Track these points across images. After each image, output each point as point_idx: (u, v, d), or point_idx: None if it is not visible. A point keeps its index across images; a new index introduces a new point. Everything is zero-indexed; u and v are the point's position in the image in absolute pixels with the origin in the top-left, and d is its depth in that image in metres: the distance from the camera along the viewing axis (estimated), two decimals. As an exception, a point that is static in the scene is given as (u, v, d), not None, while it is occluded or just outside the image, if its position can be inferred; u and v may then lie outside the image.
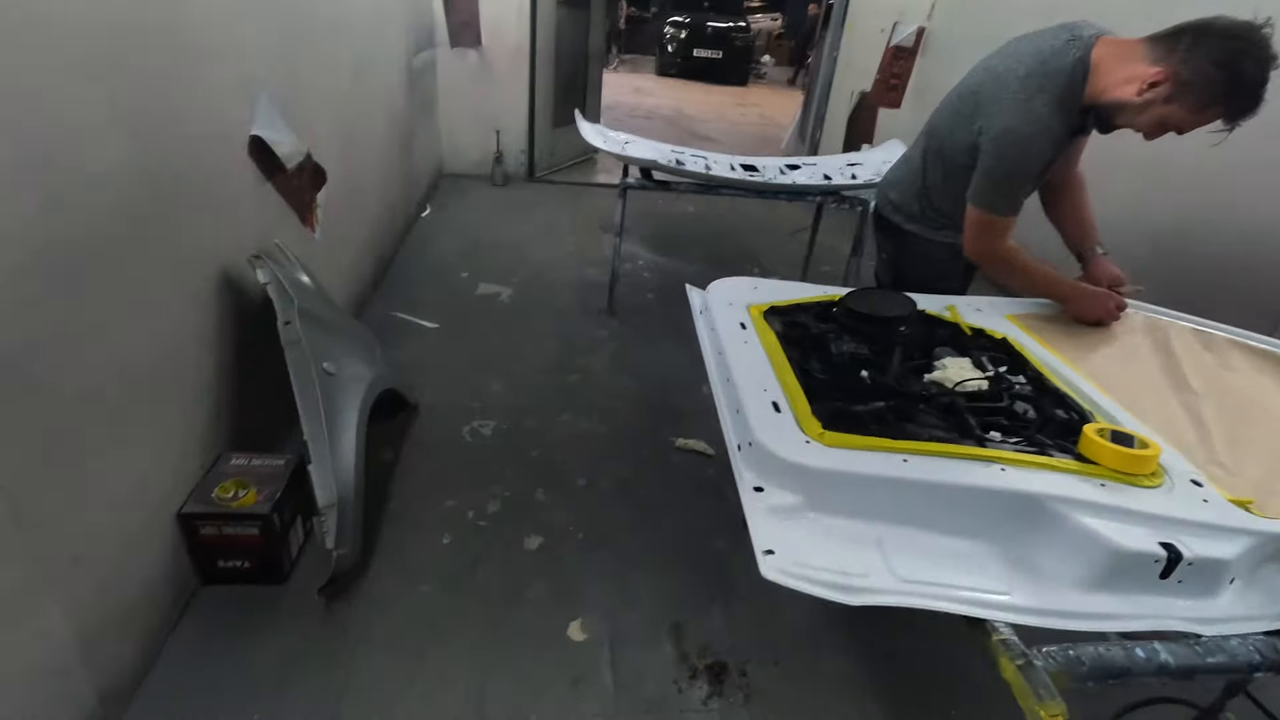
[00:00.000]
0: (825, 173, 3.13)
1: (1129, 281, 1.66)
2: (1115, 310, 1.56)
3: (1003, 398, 1.29)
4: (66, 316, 1.16)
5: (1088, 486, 1.05)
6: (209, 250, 1.66)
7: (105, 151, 1.25)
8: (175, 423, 1.54)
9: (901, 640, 1.69)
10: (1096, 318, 1.57)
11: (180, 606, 1.57)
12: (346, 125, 2.70)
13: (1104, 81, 1.37)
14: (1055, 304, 1.65)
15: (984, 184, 1.49)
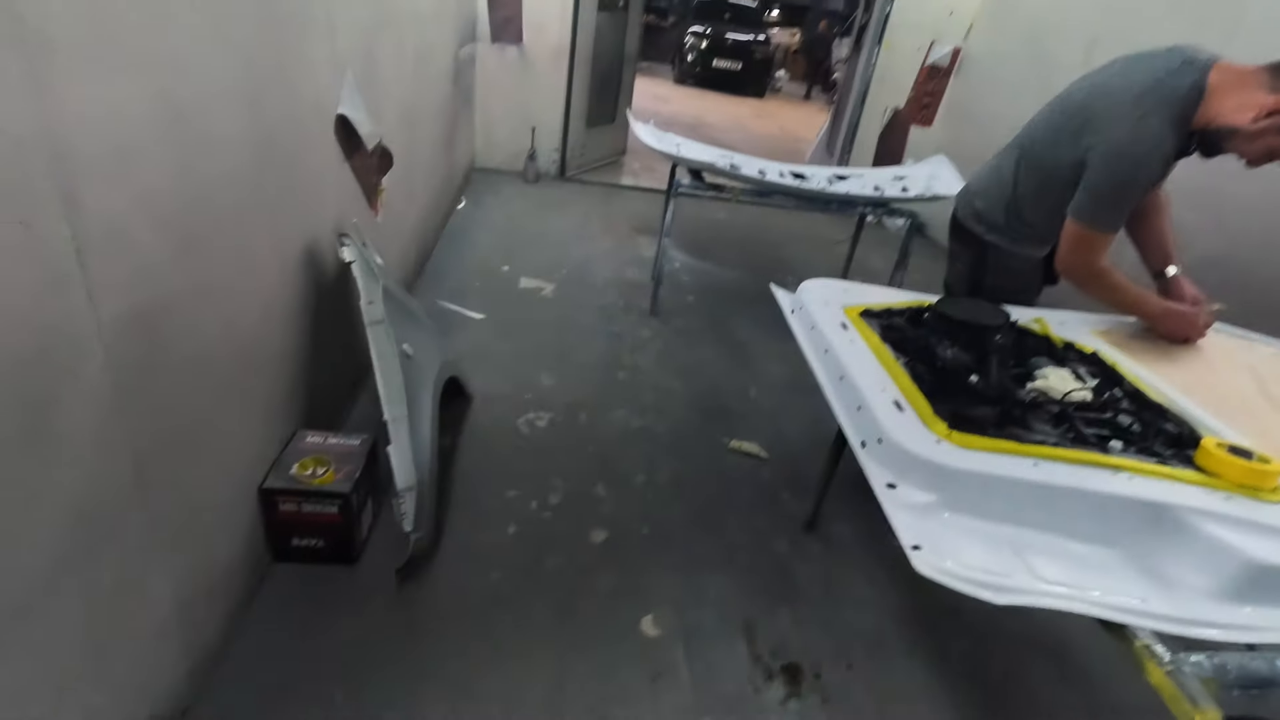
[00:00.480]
0: (875, 184, 3.15)
1: (1208, 301, 1.68)
2: (1203, 329, 1.58)
3: (1107, 408, 1.30)
4: (191, 278, 1.16)
5: (1215, 498, 1.06)
6: (299, 223, 1.66)
7: (231, 117, 1.25)
8: (262, 395, 1.53)
9: (963, 643, 1.69)
10: (1185, 335, 1.59)
11: (255, 583, 1.55)
12: (409, 112, 2.70)
13: (1218, 106, 1.39)
14: (1138, 320, 1.67)
15: (1089, 199, 1.51)
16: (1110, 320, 1.72)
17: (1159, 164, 1.46)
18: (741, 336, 3.15)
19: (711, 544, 1.91)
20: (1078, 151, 1.52)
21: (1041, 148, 1.64)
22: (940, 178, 3.21)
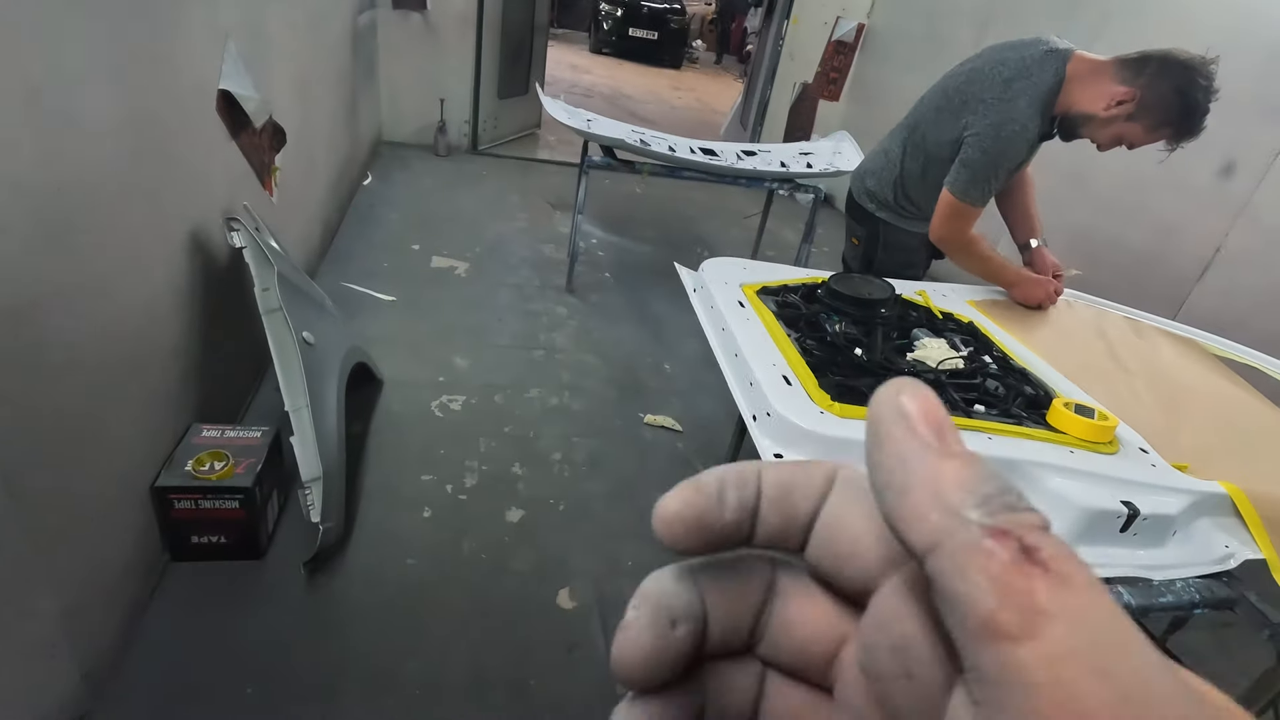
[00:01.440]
0: (781, 160, 3.24)
1: (1067, 267, 1.84)
2: (1054, 295, 1.74)
3: (977, 375, 1.42)
4: (62, 272, 1.09)
5: (1060, 453, 1.18)
6: (182, 209, 1.57)
7: (97, 95, 1.17)
8: (150, 391, 1.46)
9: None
10: (1038, 301, 1.75)
11: (151, 584, 1.50)
12: (303, 84, 2.57)
13: (1076, 94, 1.51)
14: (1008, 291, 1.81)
15: (964, 174, 1.62)
16: (987, 292, 1.86)
17: (1025, 145, 1.58)
18: (657, 312, 3.20)
19: (627, 516, 1.97)
20: (956, 131, 1.63)
21: (925, 128, 1.75)
22: (843, 153, 3.33)
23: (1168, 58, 1.42)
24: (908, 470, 0.15)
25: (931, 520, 0.14)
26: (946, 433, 0.15)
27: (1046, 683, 0.12)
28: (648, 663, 0.18)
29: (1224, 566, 1.10)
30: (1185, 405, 1.43)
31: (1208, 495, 1.16)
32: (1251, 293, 2.45)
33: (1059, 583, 0.13)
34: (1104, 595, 0.13)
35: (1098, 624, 0.12)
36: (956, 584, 0.13)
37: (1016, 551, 0.13)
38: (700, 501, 0.19)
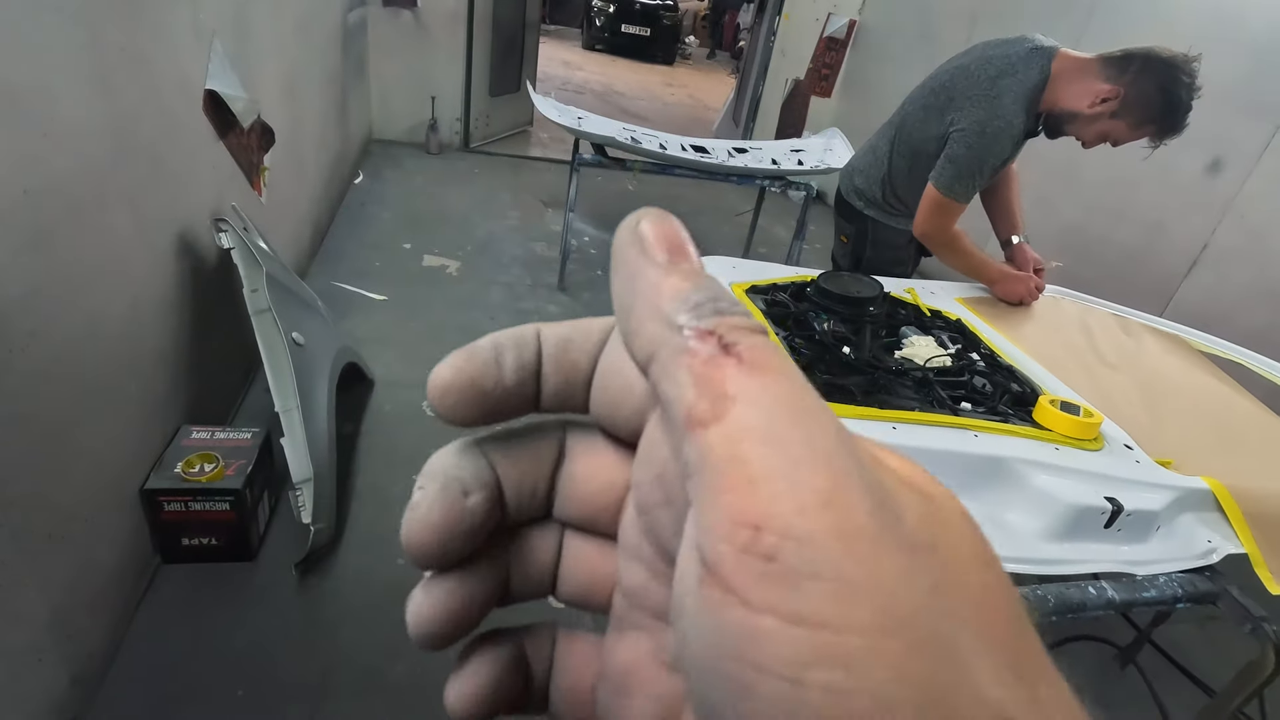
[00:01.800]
0: (772, 157, 3.25)
1: (1048, 261, 1.85)
2: (1035, 291, 1.75)
3: (964, 372, 1.43)
4: (43, 277, 1.09)
5: (1045, 450, 1.19)
6: (168, 211, 1.56)
7: (78, 99, 1.17)
8: (137, 394, 1.46)
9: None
10: (1019, 297, 1.75)
11: (142, 587, 1.49)
12: (291, 83, 2.56)
13: (1061, 92, 1.52)
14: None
15: (949, 169, 1.62)
16: (975, 289, 1.87)
17: (1010, 142, 1.59)
18: (649, 309, 3.21)
19: (619, 515, 1.97)
20: (942, 128, 1.64)
21: (912, 125, 1.75)
22: (834, 150, 3.34)
23: (1150, 55, 1.43)
24: (634, 289, 0.15)
25: (648, 331, 0.15)
26: (678, 253, 0.16)
27: (726, 459, 0.12)
28: (441, 537, 0.17)
29: (1207, 561, 1.11)
30: (1170, 401, 1.44)
31: (1191, 491, 1.17)
32: (1238, 289, 2.47)
33: (748, 369, 0.13)
34: (788, 377, 0.13)
35: (776, 400, 0.13)
36: (667, 387, 0.14)
37: (716, 347, 0.13)
38: (473, 367, 0.18)
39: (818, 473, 0.12)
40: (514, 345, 0.18)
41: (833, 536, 0.11)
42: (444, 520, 0.17)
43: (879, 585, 0.11)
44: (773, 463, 0.12)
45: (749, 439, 0.12)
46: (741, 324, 0.14)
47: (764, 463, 0.12)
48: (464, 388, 0.18)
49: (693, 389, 0.13)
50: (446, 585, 0.18)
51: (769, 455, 0.12)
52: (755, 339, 0.14)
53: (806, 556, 0.11)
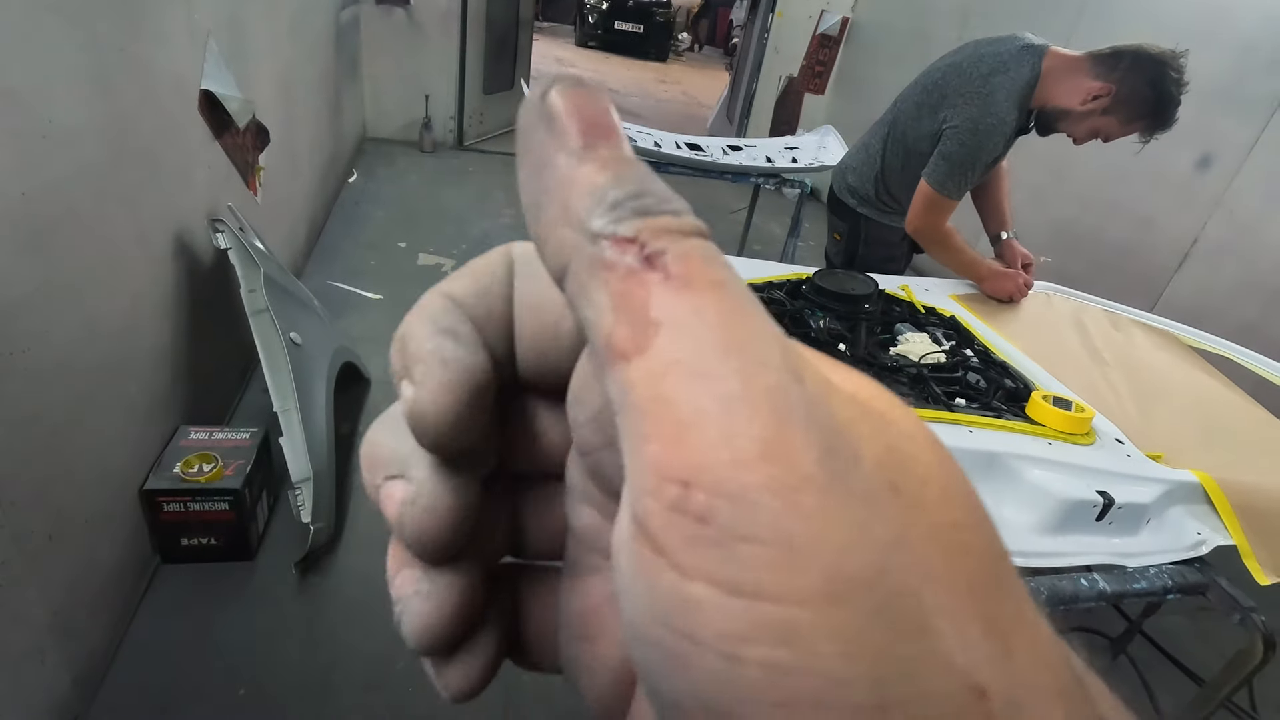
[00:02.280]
0: (767, 155, 3.26)
1: (1037, 256, 1.87)
2: (1024, 288, 1.76)
3: (958, 369, 1.44)
4: (42, 278, 1.09)
5: (1038, 444, 1.21)
6: (165, 211, 1.56)
7: (76, 100, 1.17)
8: (135, 394, 1.46)
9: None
10: (1008, 294, 1.77)
11: (142, 587, 1.50)
12: (285, 82, 2.55)
13: (1052, 90, 1.54)
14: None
15: (942, 166, 1.64)
16: (969, 286, 1.88)
17: (1003, 139, 1.60)
18: (645, 307, 3.21)
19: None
20: (935, 125, 1.66)
21: (905, 123, 1.76)
22: (828, 147, 3.35)
23: (1140, 52, 1.45)
24: (541, 183, 0.13)
25: (558, 238, 0.12)
26: (598, 131, 0.13)
27: (649, 399, 0.11)
28: (456, 519, 0.16)
29: (1196, 553, 1.13)
30: (1160, 396, 1.46)
31: (1181, 484, 1.19)
32: (1227, 284, 2.50)
33: (676, 286, 0.11)
34: (724, 293, 0.11)
35: (708, 324, 0.11)
36: (583, 309, 0.12)
37: (638, 259, 0.11)
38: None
39: (756, 415, 0.10)
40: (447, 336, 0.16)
41: (773, 492, 0.10)
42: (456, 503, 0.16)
43: (827, 545, 0.10)
44: (703, 403, 0.10)
45: (675, 375, 0.11)
46: (671, 225, 0.12)
47: (692, 404, 0.10)
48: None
49: (611, 312, 0.11)
50: (446, 579, 0.16)
51: (698, 394, 0.10)
52: (686, 245, 0.12)
53: (743, 516, 0.10)
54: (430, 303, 0.16)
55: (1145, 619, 1.59)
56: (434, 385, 0.15)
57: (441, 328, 0.15)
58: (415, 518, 0.15)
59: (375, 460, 0.16)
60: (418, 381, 0.15)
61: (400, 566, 0.17)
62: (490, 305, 0.16)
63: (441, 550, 0.16)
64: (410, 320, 0.16)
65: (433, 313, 0.16)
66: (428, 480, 0.15)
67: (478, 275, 0.17)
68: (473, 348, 0.15)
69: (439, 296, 0.16)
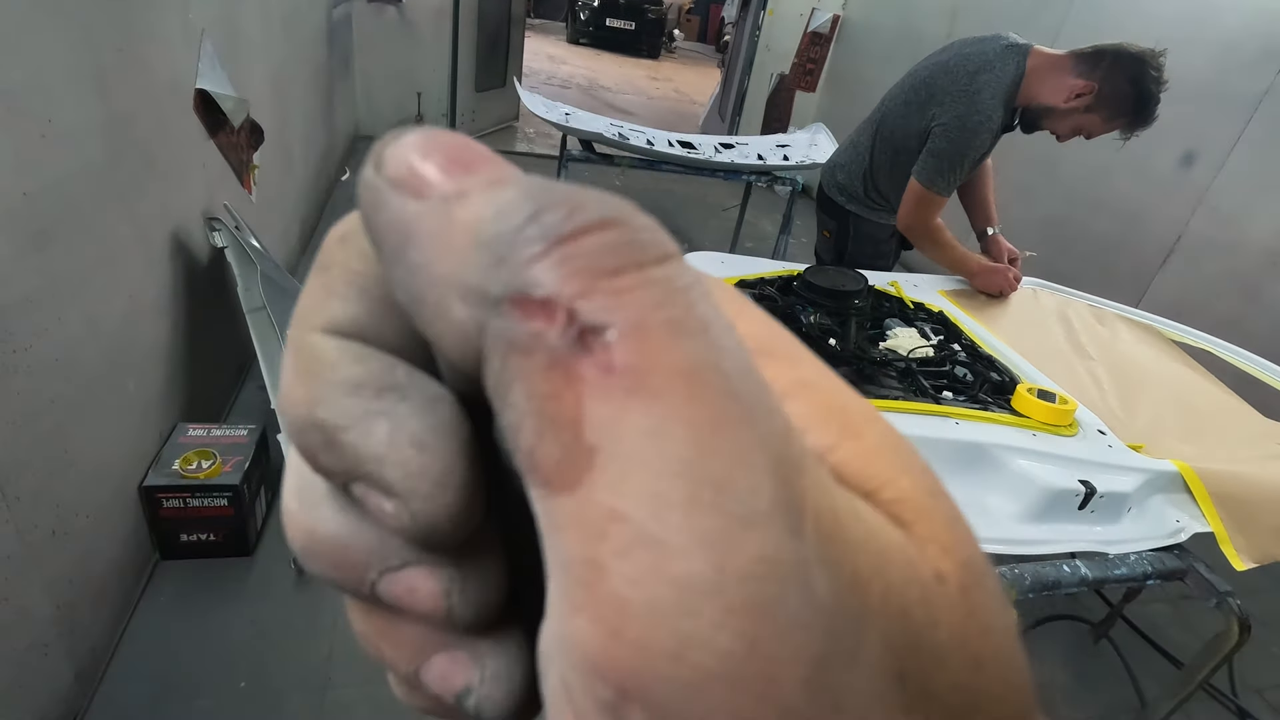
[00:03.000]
0: (758, 152, 3.28)
1: (1022, 250, 1.90)
2: (1013, 282, 1.80)
3: (946, 363, 1.47)
4: (43, 277, 1.10)
5: (1023, 436, 1.24)
6: (163, 210, 1.57)
7: (75, 101, 1.18)
8: (135, 391, 1.47)
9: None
10: (998, 289, 1.80)
11: (142, 583, 1.51)
12: (279, 80, 2.56)
13: (1036, 88, 1.57)
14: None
15: (931, 163, 1.67)
16: (957, 282, 1.92)
17: (989, 136, 1.64)
18: (638, 304, 3.23)
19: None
20: (923, 123, 1.69)
21: (893, 121, 1.79)
22: (819, 145, 3.38)
23: (1121, 51, 1.48)
24: (411, 263, 0.09)
25: (455, 323, 0.09)
26: (462, 166, 0.10)
27: (581, 559, 0.08)
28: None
29: (1175, 540, 1.16)
30: (1141, 388, 1.49)
31: (1160, 473, 1.22)
32: (1210, 279, 2.55)
33: (625, 391, 0.08)
34: (696, 388, 0.08)
35: (665, 458, 0.08)
36: (501, 411, 0.09)
37: (563, 336, 0.08)
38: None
39: (729, 617, 0.08)
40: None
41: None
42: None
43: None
44: (653, 589, 0.08)
45: (616, 537, 0.08)
46: (608, 264, 0.08)
47: (638, 586, 0.08)
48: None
49: (533, 422, 0.08)
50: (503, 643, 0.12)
51: (647, 573, 0.08)
52: (639, 300, 0.08)
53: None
54: (321, 350, 0.11)
55: (1126, 604, 1.63)
56: (427, 489, 0.10)
57: (375, 387, 0.10)
58: (467, 605, 0.11)
59: (348, 563, 0.11)
60: (400, 493, 0.10)
61: (425, 653, 0.12)
62: (402, 321, 0.11)
63: (494, 614, 0.12)
64: (309, 389, 0.11)
65: (340, 368, 0.11)
66: (462, 562, 0.11)
67: (361, 283, 0.11)
68: (428, 395, 0.11)
69: (325, 337, 0.11)
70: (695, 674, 0.08)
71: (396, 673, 0.13)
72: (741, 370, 0.09)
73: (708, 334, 0.08)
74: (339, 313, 0.11)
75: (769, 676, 0.08)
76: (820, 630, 0.08)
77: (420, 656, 0.12)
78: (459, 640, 0.12)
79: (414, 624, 0.12)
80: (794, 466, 0.08)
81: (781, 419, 0.09)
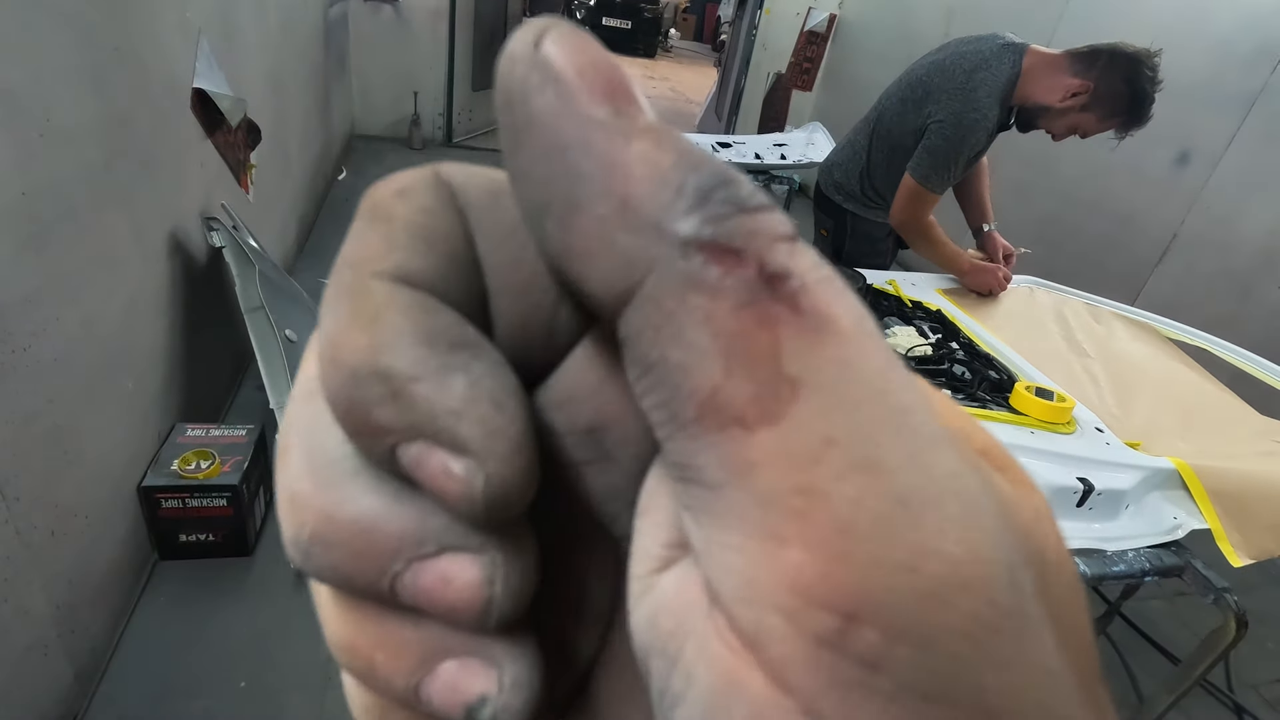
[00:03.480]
0: (756, 151, 3.29)
1: (1017, 247, 1.90)
2: (1003, 281, 1.80)
3: (944, 361, 1.48)
4: (41, 277, 1.10)
5: (1021, 434, 1.25)
6: (160, 210, 1.57)
7: (74, 101, 1.18)
8: (133, 392, 1.47)
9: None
10: (989, 287, 1.81)
11: (141, 584, 1.51)
12: (276, 80, 2.55)
13: (1032, 87, 1.57)
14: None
15: (926, 159, 1.68)
16: (954, 281, 1.92)
17: (984, 134, 1.64)
18: (636, 303, 3.24)
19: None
20: (919, 121, 1.69)
21: (890, 119, 1.80)
22: (816, 144, 3.39)
23: (1116, 51, 1.49)
24: (571, 172, 0.09)
25: (621, 247, 0.09)
26: (623, 93, 0.10)
27: (789, 489, 0.08)
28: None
29: (1173, 536, 1.17)
30: (1138, 386, 1.50)
31: (1158, 470, 1.23)
32: (1205, 277, 2.56)
33: (816, 330, 0.08)
34: (873, 338, 0.09)
35: (865, 389, 0.08)
36: (667, 349, 0.09)
37: (755, 282, 0.09)
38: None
39: (949, 525, 0.08)
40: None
41: (974, 640, 0.08)
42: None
43: (1027, 705, 0.08)
44: (876, 505, 0.08)
45: (831, 460, 0.08)
46: (781, 229, 0.09)
47: (861, 504, 0.08)
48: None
49: (719, 360, 0.08)
50: (530, 645, 0.11)
51: (868, 491, 0.08)
52: (813, 264, 0.09)
53: (936, 669, 0.08)
54: (389, 297, 0.10)
55: (1124, 601, 1.64)
56: (505, 451, 0.10)
57: (450, 341, 0.10)
58: (508, 597, 0.10)
59: (373, 550, 0.10)
60: (477, 451, 0.10)
61: (431, 662, 0.11)
62: (468, 281, 0.11)
63: (527, 609, 0.11)
64: (373, 335, 0.10)
65: (410, 319, 0.10)
66: (505, 548, 0.11)
67: (427, 236, 0.11)
68: (496, 357, 0.11)
69: (395, 286, 0.10)
70: (930, 582, 0.08)
71: (389, 690, 0.11)
72: (885, 341, 0.09)
73: (858, 301, 0.09)
74: (405, 262, 0.11)
75: (987, 578, 0.08)
76: (1008, 535, 0.09)
77: (425, 666, 0.11)
78: (474, 644, 0.11)
79: (425, 627, 0.11)
80: (945, 402, 0.10)
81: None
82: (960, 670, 0.08)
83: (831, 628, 0.08)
